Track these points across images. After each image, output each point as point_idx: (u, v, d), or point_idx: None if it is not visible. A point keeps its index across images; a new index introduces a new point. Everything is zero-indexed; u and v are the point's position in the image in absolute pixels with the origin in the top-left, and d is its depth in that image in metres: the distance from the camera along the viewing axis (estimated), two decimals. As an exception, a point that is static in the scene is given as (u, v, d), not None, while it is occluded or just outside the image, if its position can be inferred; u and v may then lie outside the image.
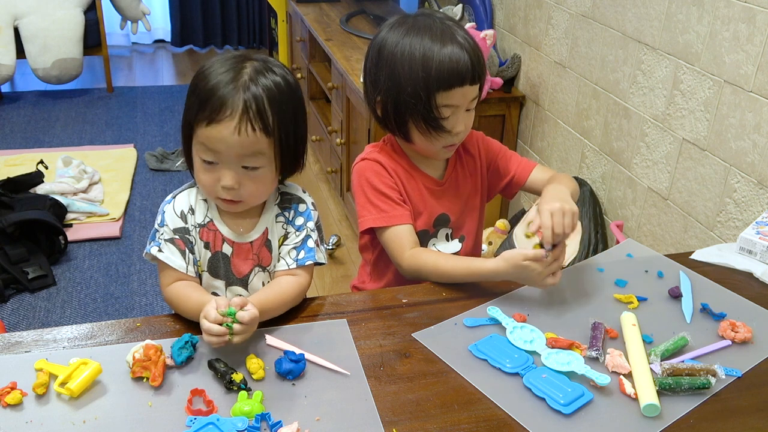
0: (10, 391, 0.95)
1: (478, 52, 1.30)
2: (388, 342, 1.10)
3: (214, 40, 5.56)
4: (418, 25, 1.29)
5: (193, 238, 1.19)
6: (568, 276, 1.31)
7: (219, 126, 1.08)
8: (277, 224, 1.23)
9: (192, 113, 1.11)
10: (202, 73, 1.13)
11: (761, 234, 1.36)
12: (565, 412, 0.96)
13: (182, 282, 1.17)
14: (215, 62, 1.13)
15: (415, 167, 1.40)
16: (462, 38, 1.28)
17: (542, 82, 2.58)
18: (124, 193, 3.25)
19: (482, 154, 1.47)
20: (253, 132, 1.08)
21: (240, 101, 1.07)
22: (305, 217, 1.23)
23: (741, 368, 1.07)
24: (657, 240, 2.03)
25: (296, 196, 1.25)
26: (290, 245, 1.22)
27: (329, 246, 2.90)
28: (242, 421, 0.90)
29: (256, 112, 1.08)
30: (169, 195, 1.22)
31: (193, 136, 1.12)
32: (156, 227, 1.19)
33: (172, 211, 1.19)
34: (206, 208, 1.21)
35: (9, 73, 4.12)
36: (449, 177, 1.43)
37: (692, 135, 1.86)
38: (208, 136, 1.09)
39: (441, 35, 1.27)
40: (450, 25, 1.30)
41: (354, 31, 3.40)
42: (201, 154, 1.12)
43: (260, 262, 1.22)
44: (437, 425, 0.94)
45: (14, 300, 2.50)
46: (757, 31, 1.62)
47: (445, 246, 1.44)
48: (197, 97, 1.10)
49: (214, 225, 1.20)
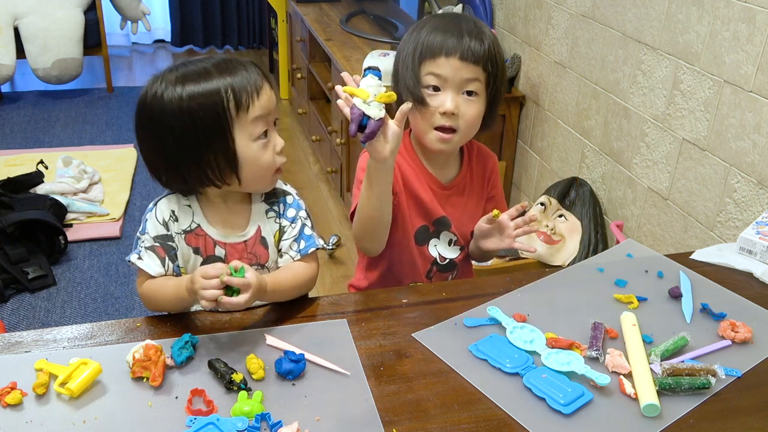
0: (10, 391, 0.95)
1: (487, 40, 1.30)
2: (388, 342, 1.10)
3: (214, 40, 5.55)
4: (441, 15, 1.35)
5: (176, 245, 1.19)
6: (568, 276, 1.31)
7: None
8: (268, 220, 1.23)
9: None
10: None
11: (761, 234, 1.36)
12: (565, 412, 0.96)
13: (157, 278, 1.18)
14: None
15: (423, 167, 1.40)
16: (474, 26, 1.30)
17: (542, 82, 2.58)
18: (124, 193, 3.25)
19: (488, 180, 1.47)
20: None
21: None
22: (295, 207, 1.25)
23: (741, 368, 1.07)
24: (657, 240, 2.03)
25: (280, 190, 1.26)
26: (290, 238, 1.23)
27: (329, 246, 2.90)
28: (242, 421, 0.90)
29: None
30: (151, 203, 1.22)
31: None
32: (138, 235, 1.20)
33: (154, 219, 1.19)
34: (191, 213, 1.21)
35: (9, 73, 4.12)
36: (456, 185, 1.42)
37: (692, 135, 1.86)
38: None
39: (453, 17, 1.31)
40: (471, 18, 1.33)
41: (354, 31, 3.40)
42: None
43: (258, 260, 1.22)
44: (437, 425, 0.94)
45: (14, 300, 2.50)
46: (757, 31, 1.62)
47: (446, 250, 1.44)
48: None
49: (202, 230, 1.20)
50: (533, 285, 1.27)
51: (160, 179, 1.18)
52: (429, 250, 1.44)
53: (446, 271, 1.46)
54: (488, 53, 1.30)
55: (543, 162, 2.64)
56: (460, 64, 1.28)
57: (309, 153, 3.82)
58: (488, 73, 1.31)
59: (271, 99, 1.15)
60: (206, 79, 1.11)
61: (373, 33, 3.38)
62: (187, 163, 1.13)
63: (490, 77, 1.31)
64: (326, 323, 1.14)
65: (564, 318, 1.17)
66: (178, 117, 1.10)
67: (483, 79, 1.30)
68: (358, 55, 3.01)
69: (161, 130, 1.12)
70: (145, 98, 1.13)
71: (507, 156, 2.79)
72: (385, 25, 3.53)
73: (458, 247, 1.45)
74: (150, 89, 1.12)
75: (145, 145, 1.17)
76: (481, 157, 1.47)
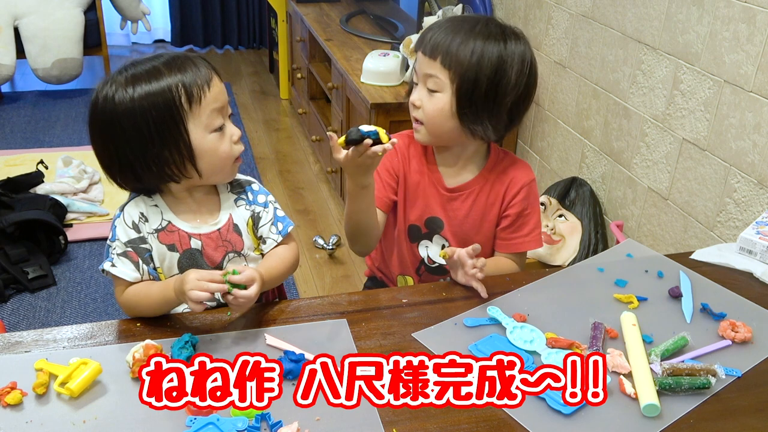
0: (10, 391, 0.95)
1: (474, 42, 1.26)
2: (388, 342, 1.10)
3: (214, 40, 5.55)
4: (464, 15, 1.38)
5: (150, 245, 1.20)
6: (568, 276, 1.31)
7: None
8: (238, 208, 1.26)
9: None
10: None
11: (761, 234, 1.36)
12: (565, 412, 0.96)
13: (137, 284, 1.18)
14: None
15: (435, 165, 1.41)
16: (476, 27, 1.28)
17: (542, 82, 2.58)
18: (124, 194, 3.23)
19: (508, 197, 1.40)
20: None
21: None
22: (263, 193, 1.29)
23: (741, 368, 1.07)
24: (657, 240, 2.03)
25: (243, 180, 1.29)
26: (267, 223, 1.27)
27: (329, 246, 2.90)
28: (242, 421, 0.91)
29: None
30: (117, 209, 1.23)
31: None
32: (108, 243, 1.20)
33: (123, 224, 1.19)
34: (160, 212, 1.21)
35: (9, 73, 4.12)
36: (462, 189, 1.40)
37: (692, 135, 1.86)
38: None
39: (471, 17, 1.32)
40: (485, 19, 1.32)
41: (354, 31, 3.40)
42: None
43: (234, 247, 1.24)
44: (437, 425, 0.94)
45: (14, 300, 2.50)
46: (757, 31, 1.62)
47: (436, 254, 1.44)
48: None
49: (173, 226, 1.21)
50: (533, 285, 1.27)
51: (115, 180, 1.20)
52: (419, 250, 1.45)
53: (436, 273, 1.47)
54: (456, 53, 1.25)
55: (543, 162, 2.64)
56: (423, 58, 1.32)
57: (309, 153, 3.82)
58: (452, 71, 1.27)
59: (222, 91, 1.18)
60: (156, 78, 1.12)
61: (373, 33, 3.39)
62: (142, 161, 1.14)
63: (458, 78, 1.27)
64: (326, 323, 1.14)
65: (564, 318, 1.17)
66: (131, 117, 1.11)
67: (445, 76, 1.28)
68: (358, 55, 3.01)
69: (114, 131, 1.13)
70: (96, 102, 1.14)
71: (507, 156, 2.78)
72: (385, 25, 3.53)
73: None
74: (101, 92, 1.13)
75: (98, 147, 1.18)
76: (507, 171, 1.40)
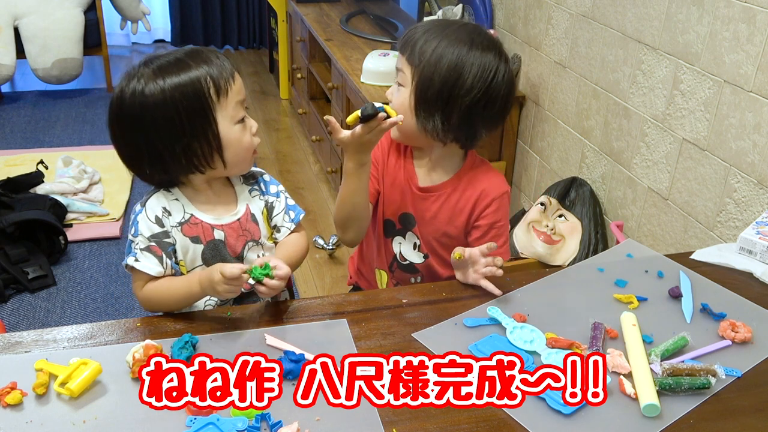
0: (10, 391, 0.95)
1: (439, 40, 1.27)
2: (388, 342, 1.10)
3: (214, 40, 5.55)
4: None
5: (173, 239, 1.21)
6: (568, 276, 1.31)
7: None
8: (253, 198, 1.30)
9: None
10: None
11: (761, 234, 1.36)
12: (565, 412, 0.96)
13: (159, 280, 1.19)
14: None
15: (411, 163, 1.42)
16: (443, 31, 1.29)
17: (542, 82, 2.58)
18: (124, 194, 3.25)
19: (478, 207, 1.39)
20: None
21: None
22: (275, 183, 1.34)
23: (741, 368, 1.07)
24: (657, 240, 2.03)
25: (255, 171, 1.33)
26: (281, 212, 1.32)
27: (329, 246, 2.90)
28: (242, 421, 0.91)
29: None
30: (138, 204, 1.23)
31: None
32: (131, 238, 1.20)
33: (146, 218, 1.20)
34: (182, 206, 1.23)
35: (9, 73, 4.12)
36: (432, 191, 1.40)
37: (692, 135, 1.86)
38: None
39: (450, 22, 1.34)
40: (467, 25, 1.34)
41: (354, 31, 3.40)
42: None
43: (252, 236, 1.28)
44: (437, 425, 0.94)
45: (14, 300, 2.50)
46: (757, 31, 1.62)
47: (409, 252, 1.46)
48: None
49: (196, 218, 1.23)
50: (533, 285, 1.27)
51: (143, 173, 1.21)
52: (392, 245, 1.47)
53: (408, 271, 1.48)
54: (420, 50, 1.28)
55: (543, 162, 2.64)
56: (400, 56, 1.34)
57: (309, 153, 3.82)
58: (414, 67, 1.29)
59: (242, 84, 1.22)
60: (185, 69, 1.15)
61: (373, 33, 3.39)
62: (171, 152, 1.16)
63: (418, 74, 1.28)
64: (326, 323, 1.14)
65: (564, 318, 1.17)
66: (163, 108, 1.13)
67: (409, 72, 1.31)
68: (358, 55, 3.01)
69: (145, 123, 1.14)
70: (122, 96, 1.15)
71: (507, 156, 2.79)
72: (385, 25, 3.53)
73: (422, 254, 1.45)
74: (127, 87, 1.15)
75: (125, 141, 1.18)
76: (480, 179, 1.40)
